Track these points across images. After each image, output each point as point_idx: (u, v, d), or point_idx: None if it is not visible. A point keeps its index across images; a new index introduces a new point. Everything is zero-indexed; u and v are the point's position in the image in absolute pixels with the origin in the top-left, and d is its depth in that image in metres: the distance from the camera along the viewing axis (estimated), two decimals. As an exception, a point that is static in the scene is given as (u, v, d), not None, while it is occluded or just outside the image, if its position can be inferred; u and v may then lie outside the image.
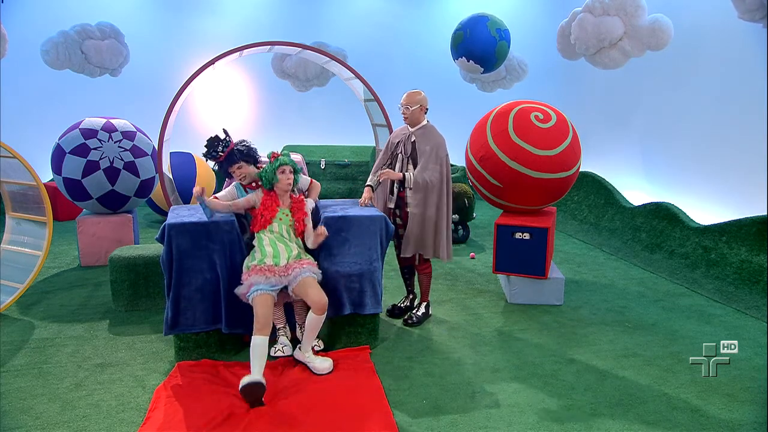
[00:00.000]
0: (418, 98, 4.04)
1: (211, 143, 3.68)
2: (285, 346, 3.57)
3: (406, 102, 4.04)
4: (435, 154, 4.01)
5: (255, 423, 2.88)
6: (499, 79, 8.28)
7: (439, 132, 4.11)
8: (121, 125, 5.68)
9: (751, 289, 4.75)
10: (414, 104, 4.02)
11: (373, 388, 3.25)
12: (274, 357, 3.52)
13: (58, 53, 7.35)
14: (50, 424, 2.89)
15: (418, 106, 4.02)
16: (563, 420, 2.97)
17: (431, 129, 4.10)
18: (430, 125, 4.12)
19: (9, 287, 4.42)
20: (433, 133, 4.08)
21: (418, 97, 4.04)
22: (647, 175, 6.86)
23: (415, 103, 4.02)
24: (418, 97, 4.04)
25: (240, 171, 3.67)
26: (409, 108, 4.02)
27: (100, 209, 5.70)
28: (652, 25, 5.65)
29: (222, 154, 3.65)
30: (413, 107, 4.02)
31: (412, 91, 4.08)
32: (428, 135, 4.06)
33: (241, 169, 3.67)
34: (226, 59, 5.36)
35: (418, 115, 4.05)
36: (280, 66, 8.97)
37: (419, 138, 4.05)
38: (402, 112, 4.06)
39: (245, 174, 3.68)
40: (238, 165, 3.65)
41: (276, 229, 3.49)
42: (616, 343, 3.93)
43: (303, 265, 3.42)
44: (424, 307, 4.32)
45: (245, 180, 3.71)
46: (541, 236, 4.53)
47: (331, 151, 8.40)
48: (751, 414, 3.03)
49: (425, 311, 4.31)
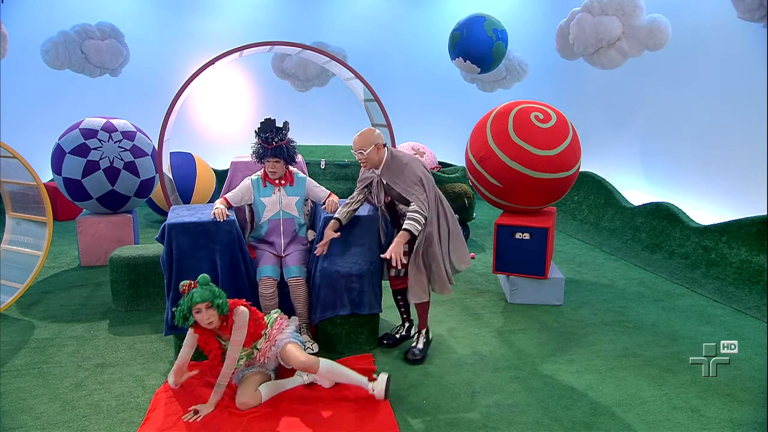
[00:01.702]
0: (371, 138, 3.47)
1: (271, 127, 3.65)
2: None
3: (359, 147, 3.47)
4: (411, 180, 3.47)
5: (254, 423, 2.88)
6: (499, 79, 8.28)
7: (403, 154, 3.58)
8: (121, 125, 5.68)
9: (751, 289, 4.75)
10: (368, 146, 3.46)
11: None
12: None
13: (58, 53, 7.34)
14: (50, 424, 2.90)
15: (372, 146, 3.46)
16: (563, 420, 2.97)
17: (395, 159, 3.53)
18: (393, 156, 3.55)
19: (9, 287, 4.42)
20: (397, 162, 3.52)
21: (370, 137, 3.47)
22: (647, 175, 6.86)
23: (369, 144, 3.46)
24: (371, 137, 3.48)
25: (277, 165, 3.70)
26: (364, 152, 3.46)
27: (100, 209, 5.70)
28: (651, 25, 5.65)
29: (276, 144, 3.64)
30: (368, 150, 3.46)
31: (360, 133, 3.50)
32: (396, 168, 3.51)
33: (278, 164, 3.70)
34: (226, 59, 5.35)
35: (376, 155, 3.49)
36: (280, 66, 8.97)
37: (389, 177, 3.52)
38: (358, 159, 3.51)
39: (277, 170, 3.72)
40: (277, 159, 3.67)
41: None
42: (616, 343, 3.92)
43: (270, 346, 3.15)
44: (424, 336, 3.75)
45: (275, 174, 3.74)
46: (541, 236, 4.53)
47: (331, 151, 8.38)
48: (751, 414, 3.03)
49: (426, 340, 3.75)
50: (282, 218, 3.79)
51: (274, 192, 3.77)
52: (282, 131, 3.68)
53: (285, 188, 3.80)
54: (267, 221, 3.79)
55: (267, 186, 3.78)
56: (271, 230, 3.79)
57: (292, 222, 3.83)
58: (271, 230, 3.79)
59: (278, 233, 3.79)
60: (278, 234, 3.79)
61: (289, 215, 3.81)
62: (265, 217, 3.78)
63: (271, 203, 3.77)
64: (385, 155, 3.54)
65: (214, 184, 7.49)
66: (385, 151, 3.54)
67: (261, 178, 3.79)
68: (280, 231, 3.79)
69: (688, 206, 5.97)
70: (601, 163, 7.59)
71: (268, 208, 3.77)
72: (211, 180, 7.40)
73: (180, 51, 8.96)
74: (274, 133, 3.64)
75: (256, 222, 3.87)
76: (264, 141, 3.64)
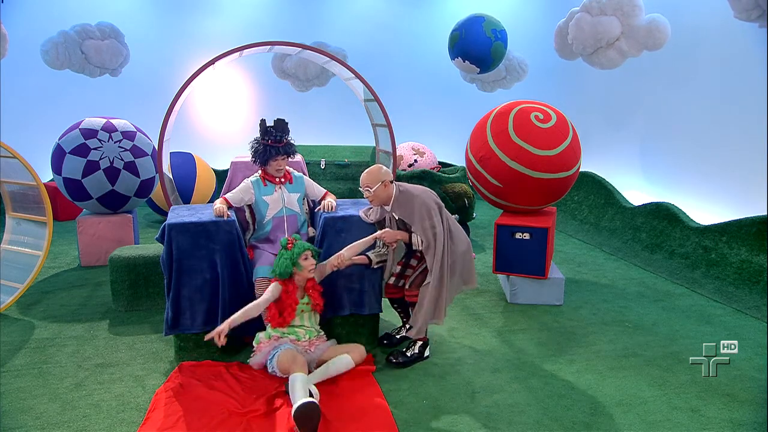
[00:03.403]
0: (378, 176, 3.48)
1: (284, 127, 3.75)
2: None
3: (366, 184, 3.49)
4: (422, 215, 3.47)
5: (254, 423, 2.88)
6: (499, 79, 8.28)
7: (413, 187, 3.60)
8: (121, 125, 5.68)
9: (751, 289, 4.75)
10: (375, 184, 3.47)
11: (372, 388, 3.24)
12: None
13: (58, 53, 7.34)
14: (50, 424, 2.90)
15: (380, 183, 3.47)
16: (563, 420, 2.97)
17: (404, 196, 3.54)
18: (401, 193, 3.55)
19: (9, 287, 4.42)
20: (407, 199, 3.53)
21: (377, 175, 3.48)
22: (647, 175, 6.86)
23: (376, 182, 3.47)
24: (378, 174, 3.48)
25: (283, 163, 3.78)
26: (371, 190, 3.48)
27: (100, 209, 5.70)
28: (650, 25, 5.64)
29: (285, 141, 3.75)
30: (375, 187, 3.47)
31: (367, 171, 3.52)
32: (405, 202, 3.52)
33: (284, 161, 3.79)
34: (226, 59, 5.35)
35: (383, 192, 3.50)
36: (280, 66, 8.97)
37: (400, 212, 3.53)
38: (366, 197, 3.53)
39: (283, 166, 3.80)
40: (284, 157, 3.76)
41: (297, 322, 3.44)
42: (616, 343, 3.93)
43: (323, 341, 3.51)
44: (419, 348, 3.64)
45: (281, 172, 3.81)
46: (541, 236, 4.53)
47: (331, 151, 8.38)
48: (751, 414, 3.03)
49: (419, 352, 3.62)
50: (285, 215, 3.84)
51: (276, 190, 3.82)
52: (288, 128, 3.80)
53: (286, 186, 3.86)
54: (271, 219, 3.82)
55: (267, 185, 3.81)
56: (275, 228, 3.83)
57: (296, 218, 3.88)
58: (276, 227, 3.83)
59: (282, 230, 3.83)
60: (282, 231, 3.83)
61: (293, 211, 3.86)
62: (268, 215, 3.81)
63: (274, 201, 3.81)
64: (393, 191, 3.55)
65: (214, 184, 7.49)
66: (392, 188, 3.55)
67: (260, 179, 3.82)
68: (284, 227, 3.83)
69: (688, 206, 5.97)
70: (601, 163, 7.59)
71: (272, 206, 3.80)
72: (211, 180, 7.40)
73: (180, 51, 8.96)
74: (285, 130, 3.76)
75: (258, 222, 3.88)
76: (276, 141, 3.72)
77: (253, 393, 3.17)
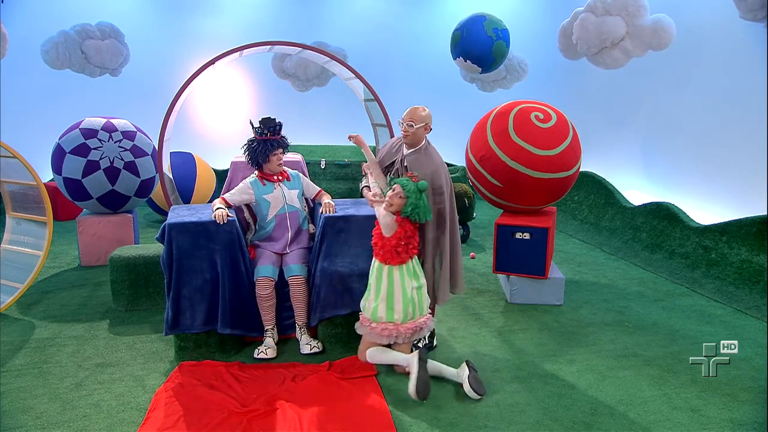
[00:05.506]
0: (423, 115, 3.43)
1: (270, 121, 3.77)
2: (269, 348, 3.61)
3: (410, 119, 3.41)
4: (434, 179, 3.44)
5: (254, 423, 2.89)
6: (499, 78, 8.28)
7: (437, 154, 3.54)
8: (121, 125, 5.68)
9: (751, 289, 4.75)
10: (419, 122, 3.41)
11: (372, 388, 3.24)
12: (257, 359, 3.57)
13: (58, 53, 7.34)
14: (50, 424, 2.90)
15: (423, 124, 3.43)
16: (563, 420, 2.97)
17: (427, 153, 3.49)
18: (427, 149, 3.52)
19: (9, 287, 4.42)
20: (428, 158, 3.47)
21: (423, 113, 3.44)
22: (647, 174, 6.86)
23: (420, 121, 3.41)
24: (423, 113, 3.44)
25: (281, 156, 3.81)
26: (413, 126, 3.41)
27: (100, 209, 5.70)
28: (654, 25, 5.64)
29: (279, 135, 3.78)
30: (417, 125, 3.41)
31: (416, 106, 3.47)
32: (422, 162, 3.46)
33: (282, 155, 3.81)
34: (226, 59, 5.35)
35: (420, 135, 3.46)
36: (280, 66, 8.97)
37: (416, 163, 3.47)
38: (403, 129, 3.44)
39: (281, 160, 3.82)
40: (282, 150, 3.79)
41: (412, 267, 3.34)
42: (616, 343, 3.92)
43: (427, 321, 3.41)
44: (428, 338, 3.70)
45: (281, 167, 3.85)
46: (541, 236, 4.53)
47: (331, 151, 8.38)
48: (751, 414, 3.03)
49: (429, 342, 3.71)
50: (288, 212, 3.85)
51: (276, 188, 3.82)
52: (279, 124, 3.82)
53: (284, 183, 3.88)
54: (274, 217, 3.83)
55: (266, 184, 3.81)
56: (278, 225, 3.84)
57: (297, 214, 3.90)
58: (278, 225, 3.84)
59: (285, 226, 3.84)
60: (285, 227, 3.84)
61: (294, 208, 3.88)
62: (271, 213, 3.82)
63: (275, 199, 3.81)
64: (424, 140, 3.54)
65: (214, 184, 7.49)
66: (426, 137, 3.55)
67: (258, 179, 3.82)
68: (287, 224, 3.85)
69: (689, 206, 5.97)
70: (602, 163, 7.59)
71: (273, 204, 3.81)
72: (211, 180, 7.40)
73: (180, 51, 8.96)
74: (275, 123, 3.78)
75: (260, 221, 3.89)
76: (273, 133, 3.74)
77: (253, 393, 3.17)
